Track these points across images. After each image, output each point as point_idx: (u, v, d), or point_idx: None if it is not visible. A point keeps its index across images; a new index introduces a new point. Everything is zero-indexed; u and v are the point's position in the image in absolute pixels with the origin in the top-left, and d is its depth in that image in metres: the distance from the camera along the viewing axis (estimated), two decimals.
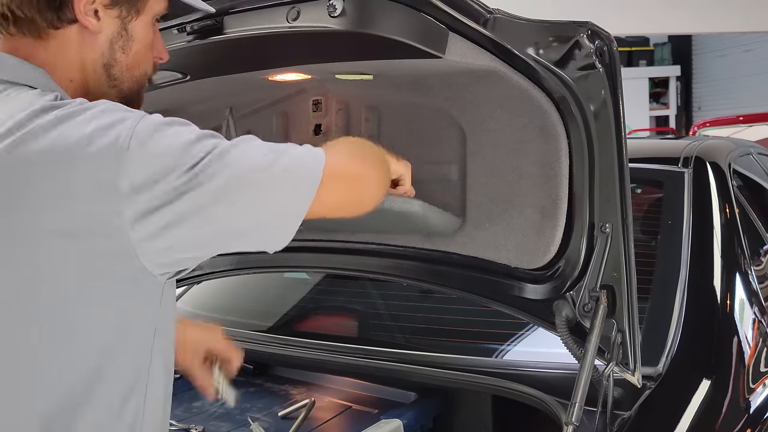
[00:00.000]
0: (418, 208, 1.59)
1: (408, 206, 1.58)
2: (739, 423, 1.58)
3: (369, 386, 1.94)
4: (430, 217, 1.63)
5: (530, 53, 1.42)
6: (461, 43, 1.43)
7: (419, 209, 1.60)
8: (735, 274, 1.86)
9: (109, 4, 1.12)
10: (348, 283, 2.35)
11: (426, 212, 1.61)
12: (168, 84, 1.78)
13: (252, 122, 1.97)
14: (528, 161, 1.54)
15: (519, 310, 1.62)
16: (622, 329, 1.45)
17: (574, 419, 1.34)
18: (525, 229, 1.56)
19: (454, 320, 2.02)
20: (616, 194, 1.42)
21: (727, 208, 2.01)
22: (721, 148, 2.32)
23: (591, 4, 7.00)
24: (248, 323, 2.17)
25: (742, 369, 1.68)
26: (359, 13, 1.35)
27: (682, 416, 1.50)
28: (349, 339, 2.11)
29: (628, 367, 1.45)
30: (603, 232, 1.46)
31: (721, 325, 1.76)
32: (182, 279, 2.22)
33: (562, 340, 1.49)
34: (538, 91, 1.48)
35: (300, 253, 1.99)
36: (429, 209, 1.61)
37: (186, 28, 1.51)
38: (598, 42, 1.37)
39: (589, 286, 1.48)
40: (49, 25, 1.10)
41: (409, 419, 1.73)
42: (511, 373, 1.71)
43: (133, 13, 1.15)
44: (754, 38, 11.27)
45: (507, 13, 1.42)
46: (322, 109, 1.85)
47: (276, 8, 1.41)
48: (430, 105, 1.67)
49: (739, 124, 7.65)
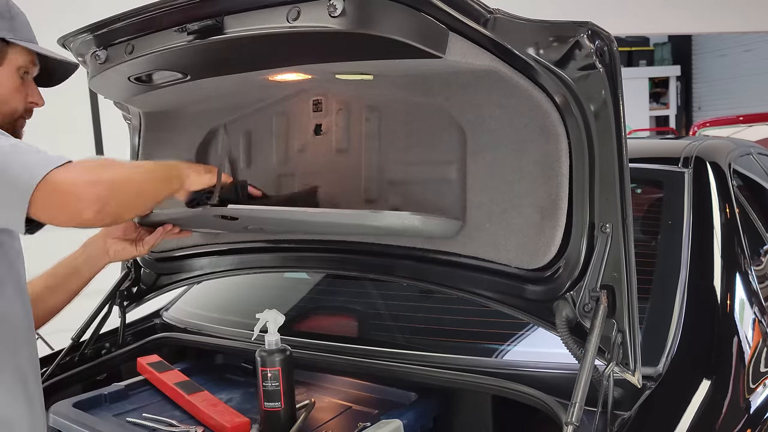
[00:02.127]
0: (418, 222, 1.60)
1: (408, 222, 1.59)
2: (739, 423, 1.58)
3: (369, 386, 1.94)
4: (431, 227, 1.63)
5: (530, 53, 1.42)
6: (461, 43, 1.43)
7: (419, 224, 1.60)
8: (735, 274, 1.86)
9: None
10: (348, 283, 2.35)
11: (426, 224, 1.62)
12: (168, 84, 1.78)
13: (252, 122, 1.97)
14: (528, 161, 1.54)
15: (519, 310, 1.62)
16: (622, 329, 1.45)
17: (574, 419, 1.34)
18: (525, 229, 1.56)
19: (454, 320, 2.02)
20: (616, 194, 1.42)
21: (727, 208, 2.01)
22: (721, 148, 2.32)
23: (591, 4, 7.00)
24: (248, 323, 2.16)
25: (742, 369, 1.68)
26: (359, 13, 1.35)
27: (682, 416, 1.50)
28: (349, 339, 2.11)
29: (628, 367, 1.45)
30: (603, 232, 1.46)
31: (721, 325, 1.76)
32: (182, 279, 2.25)
33: (562, 340, 1.49)
34: (538, 91, 1.48)
35: (300, 253, 1.99)
36: (429, 220, 1.62)
37: (186, 28, 1.51)
38: (599, 42, 1.37)
39: (589, 286, 1.48)
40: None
41: (409, 419, 1.73)
42: (511, 373, 1.71)
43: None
44: (754, 38, 11.28)
45: (507, 13, 1.42)
46: (323, 109, 1.85)
47: (276, 8, 1.41)
48: (430, 105, 1.67)
49: (739, 124, 7.66)
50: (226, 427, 1.76)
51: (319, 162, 1.88)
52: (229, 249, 2.12)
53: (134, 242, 1.87)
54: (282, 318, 1.80)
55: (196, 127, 2.03)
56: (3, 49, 1.48)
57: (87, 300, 2.05)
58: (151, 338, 2.41)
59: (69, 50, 1.80)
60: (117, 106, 2.11)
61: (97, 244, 1.86)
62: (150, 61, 1.66)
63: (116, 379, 2.17)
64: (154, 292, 2.29)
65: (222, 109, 1.97)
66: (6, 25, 1.48)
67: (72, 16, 2.37)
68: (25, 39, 1.52)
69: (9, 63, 1.49)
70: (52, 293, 1.78)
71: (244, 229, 1.91)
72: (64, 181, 1.26)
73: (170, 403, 1.98)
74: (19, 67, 1.51)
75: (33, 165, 1.24)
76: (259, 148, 1.97)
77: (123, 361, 2.30)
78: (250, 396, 1.99)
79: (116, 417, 1.90)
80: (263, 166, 1.97)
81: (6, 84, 1.48)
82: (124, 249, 1.86)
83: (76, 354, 2.21)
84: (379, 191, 1.79)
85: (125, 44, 1.65)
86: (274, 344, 1.77)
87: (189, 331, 2.43)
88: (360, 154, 1.81)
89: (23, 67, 1.52)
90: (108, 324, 2.28)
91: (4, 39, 1.48)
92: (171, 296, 2.66)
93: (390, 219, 1.61)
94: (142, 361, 2.18)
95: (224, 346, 2.25)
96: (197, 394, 1.94)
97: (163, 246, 2.16)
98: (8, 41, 1.48)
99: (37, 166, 1.24)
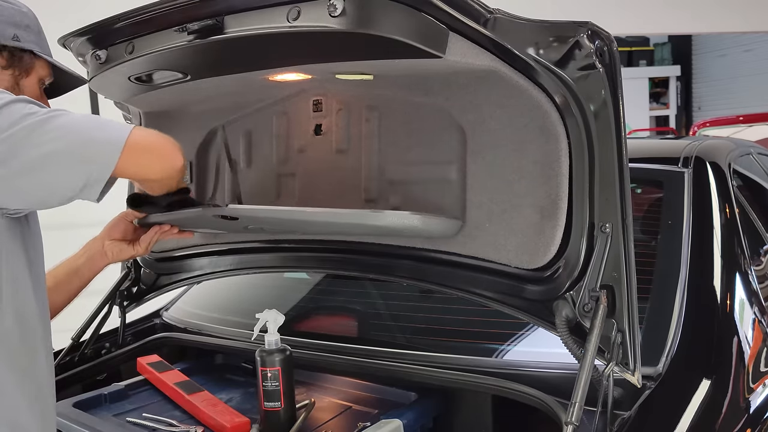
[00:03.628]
0: (418, 222, 1.60)
1: (408, 222, 1.59)
2: (739, 423, 1.58)
3: (369, 386, 1.94)
4: (431, 226, 1.64)
5: (530, 53, 1.42)
6: (461, 43, 1.43)
7: (419, 223, 1.60)
8: (735, 274, 1.86)
9: (5, 65, 1.54)
10: (348, 283, 2.35)
11: (426, 224, 1.62)
12: (168, 84, 1.78)
13: (252, 122, 1.97)
14: (528, 161, 1.54)
15: (519, 310, 1.62)
16: (622, 329, 1.45)
17: (574, 419, 1.34)
18: (525, 229, 1.56)
19: (454, 320, 2.02)
20: (616, 194, 1.42)
21: (727, 208, 2.01)
22: (721, 148, 2.32)
23: (591, 4, 6.99)
24: (248, 323, 2.16)
25: (742, 369, 1.68)
26: (360, 13, 1.35)
27: (682, 416, 1.50)
28: (349, 339, 2.11)
29: (628, 367, 1.45)
30: (603, 232, 1.46)
31: (721, 325, 1.76)
32: (182, 279, 2.25)
33: (562, 340, 1.49)
34: (538, 91, 1.48)
35: (300, 253, 1.99)
36: (429, 220, 1.62)
37: (186, 27, 1.51)
38: (598, 42, 1.37)
39: (589, 286, 1.48)
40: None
41: (409, 419, 1.73)
42: (511, 373, 1.71)
43: (23, 73, 1.57)
44: (754, 38, 11.27)
45: (507, 13, 1.42)
46: (323, 109, 1.85)
47: (276, 8, 1.41)
48: (430, 105, 1.67)
49: (739, 124, 7.66)
50: (226, 427, 1.76)
51: (319, 162, 1.88)
52: (229, 249, 2.12)
53: (132, 243, 1.88)
54: (282, 318, 1.81)
55: (196, 127, 2.03)
56: (31, 61, 1.59)
57: (87, 300, 2.05)
58: (151, 338, 2.41)
59: (69, 50, 1.80)
60: (117, 106, 2.11)
61: (97, 246, 1.88)
62: (150, 60, 1.66)
63: (116, 379, 2.18)
64: (154, 292, 2.29)
65: (222, 109, 1.97)
66: (35, 38, 1.59)
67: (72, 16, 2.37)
68: (47, 53, 1.62)
69: (35, 74, 1.60)
70: (53, 294, 1.78)
71: (244, 228, 1.91)
72: (147, 136, 1.42)
73: (170, 403, 1.98)
74: (40, 78, 1.62)
75: (115, 126, 1.37)
76: (259, 148, 1.97)
77: (123, 361, 2.30)
78: (250, 396, 1.99)
79: (116, 417, 1.90)
80: (263, 166, 1.97)
81: (29, 93, 1.56)
82: (122, 250, 1.88)
83: (76, 354, 2.21)
84: (379, 191, 1.79)
85: (125, 44, 1.65)
86: (274, 344, 1.78)
87: (189, 331, 2.43)
88: (360, 154, 1.81)
89: (43, 79, 1.63)
90: (108, 324, 2.28)
91: (33, 52, 1.58)
92: (171, 296, 2.66)
93: (390, 219, 1.61)
94: (142, 361, 2.18)
95: (224, 346, 2.25)
96: (197, 394, 1.94)
97: (163, 246, 2.16)
98: (36, 54, 1.59)
99: (120, 127, 1.36)
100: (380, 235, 1.76)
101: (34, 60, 1.59)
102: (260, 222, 1.84)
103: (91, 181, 1.31)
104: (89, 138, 1.32)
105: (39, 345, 1.44)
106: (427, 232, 1.65)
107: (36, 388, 1.42)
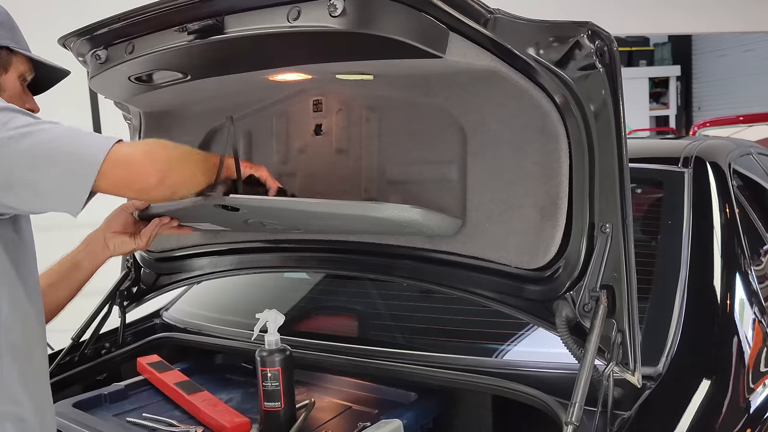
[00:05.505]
0: (419, 216, 1.60)
1: (408, 215, 1.59)
2: (739, 423, 1.58)
3: (369, 386, 1.95)
4: (432, 222, 1.63)
5: (530, 53, 1.42)
6: (462, 43, 1.43)
7: (420, 217, 1.60)
8: (735, 274, 1.86)
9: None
10: (348, 283, 2.35)
11: (427, 219, 1.62)
12: (168, 84, 1.78)
13: (252, 122, 1.97)
14: (528, 161, 1.54)
15: (519, 310, 1.62)
16: (622, 329, 1.44)
17: (574, 419, 1.34)
18: (525, 229, 1.56)
19: (454, 320, 2.02)
20: (616, 194, 1.42)
21: (727, 208, 2.01)
22: (721, 148, 2.32)
23: (591, 4, 6.99)
24: (248, 323, 2.16)
25: (742, 369, 1.68)
26: (360, 13, 1.35)
27: (682, 416, 1.50)
28: (349, 339, 2.11)
29: (628, 367, 1.45)
30: (603, 232, 1.46)
31: (721, 325, 1.76)
32: (182, 279, 2.25)
33: (562, 340, 1.49)
34: (538, 91, 1.48)
35: (300, 253, 1.99)
36: (429, 215, 1.62)
37: (186, 27, 1.51)
38: (599, 42, 1.37)
39: (589, 286, 1.48)
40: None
41: (409, 419, 1.73)
42: (511, 373, 1.71)
43: (1, 70, 1.56)
44: (754, 38, 11.28)
45: (507, 13, 1.42)
46: (323, 109, 1.85)
47: (276, 8, 1.41)
48: (430, 105, 1.67)
49: (739, 124, 7.66)
50: (226, 427, 1.76)
51: (319, 162, 1.88)
52: (229, 249, 2.12)
53: (133, 235, 1.88)
54: (282, 318, 1.81)
55: (197, 127, 2.03)
56: (7, 57, 1.57)
57: (87, 300, 2.05)
58: (151, 338, 2.41)
59: (69, 50, 1.80)
60: (117, 106, 2.11)
61: (98, 239, 1.88)
62: (150, 60, 1.66)
63: (116, 379, 2.18)
64: (154, 292, 2.29)
65: (222, 109, 1.97)
66: (9, 34, 1.57)
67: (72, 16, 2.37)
68: (24, 48, 1.61)
69: (13, 70, 1.59)
70: (55, 289, 1.79)
71: (243, 222, 1.90)
72: (130, 153, 1.40)
73: (170, 403, 1.98)
74: (20, 74, 1.60)
75: (97, 142, 1.36)
76: (259, 148, 1.97)
77: (123, 361, 2.30)
78: (250, 396, 1.99)
79: (116, 417, 1.90)
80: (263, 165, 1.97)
81: (10, 90, 1.57)
82: (123, 242, 1.88)
83: (76, 354, 2.21)
84: (379, 191, 1.79)
85: (125, 44, 1.65)
86: (274, 344, 1.78)
87: (189, 331, 2.43)
88: (360, 154, 1.81)
89: (23, 75, 1.61)
90: (108, 324, 2.28)
91: (9, 47, 1.57)
92: (171, 296, 2.66)
93: (390, 211, 1.60)
94: (142, 361, 2.18)
95: (224, 346, 2.26)
96: (197, 394, 1.94)
97: (163, 246, 2.16)
98: (12, 50, 1.57)
99: (102, 142, 1.36)
100: (380, 230, 1.76)
101: (11, 56, 1.57)
102: (261, 214, 1.82)
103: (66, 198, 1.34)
104: (61, 162, 1.33)
105: (37, 342, 1.45)
106: (427, 227, 1.65)
107: (38, 387, 1.43)
